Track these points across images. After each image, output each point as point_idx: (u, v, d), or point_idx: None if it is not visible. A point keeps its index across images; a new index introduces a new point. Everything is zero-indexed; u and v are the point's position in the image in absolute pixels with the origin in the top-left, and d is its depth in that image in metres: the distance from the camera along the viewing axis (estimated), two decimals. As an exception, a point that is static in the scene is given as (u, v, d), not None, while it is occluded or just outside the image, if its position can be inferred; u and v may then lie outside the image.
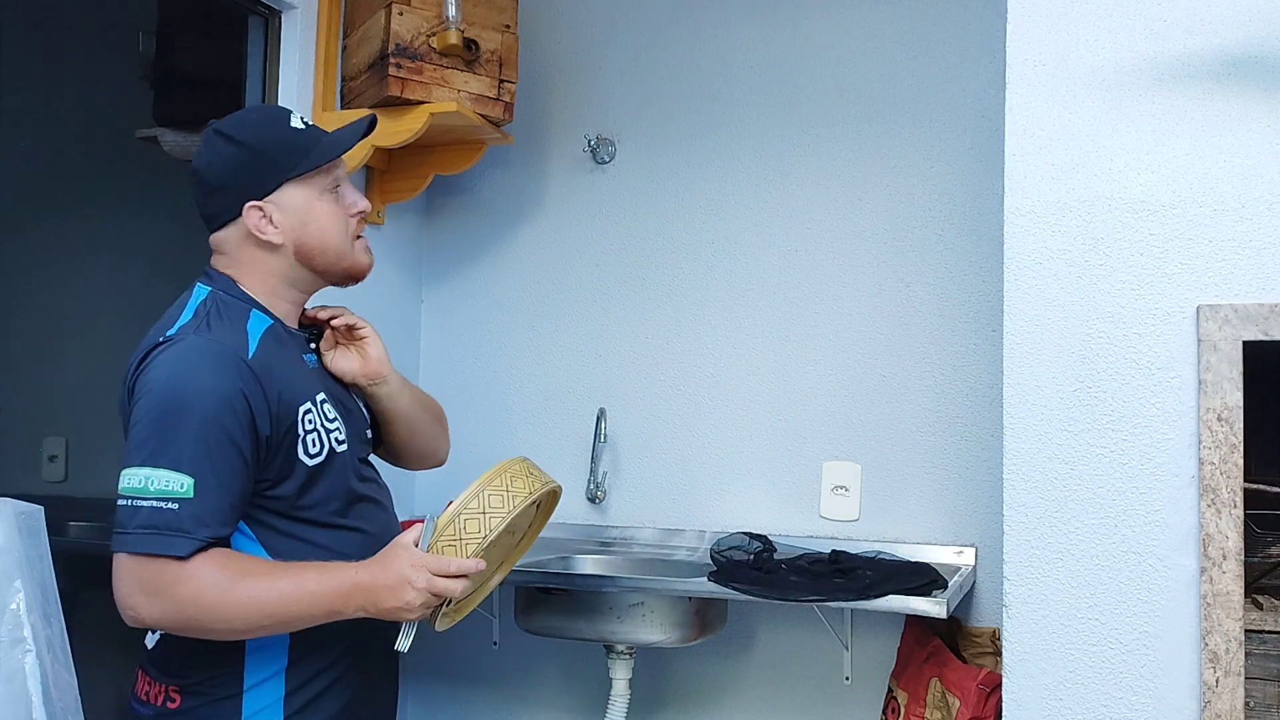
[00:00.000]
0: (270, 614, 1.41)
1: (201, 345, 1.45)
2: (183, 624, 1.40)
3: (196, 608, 1.38)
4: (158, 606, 1.38)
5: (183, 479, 1.37)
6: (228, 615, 1.39)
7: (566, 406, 2.73)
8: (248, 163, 1.55)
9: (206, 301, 1.53)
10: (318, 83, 2.47)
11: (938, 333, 2.41)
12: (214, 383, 1.42)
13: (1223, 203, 1.67)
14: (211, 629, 1.41)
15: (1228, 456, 1.62)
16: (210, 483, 1.39)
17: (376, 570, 1.46)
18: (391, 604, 1.45)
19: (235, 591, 1.39)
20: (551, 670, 2.70)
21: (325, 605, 1.43)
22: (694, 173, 2.65)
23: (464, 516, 1.49)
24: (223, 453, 1.41)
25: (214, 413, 1.40)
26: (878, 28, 2.50)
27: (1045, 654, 1.71)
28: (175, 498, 1.37)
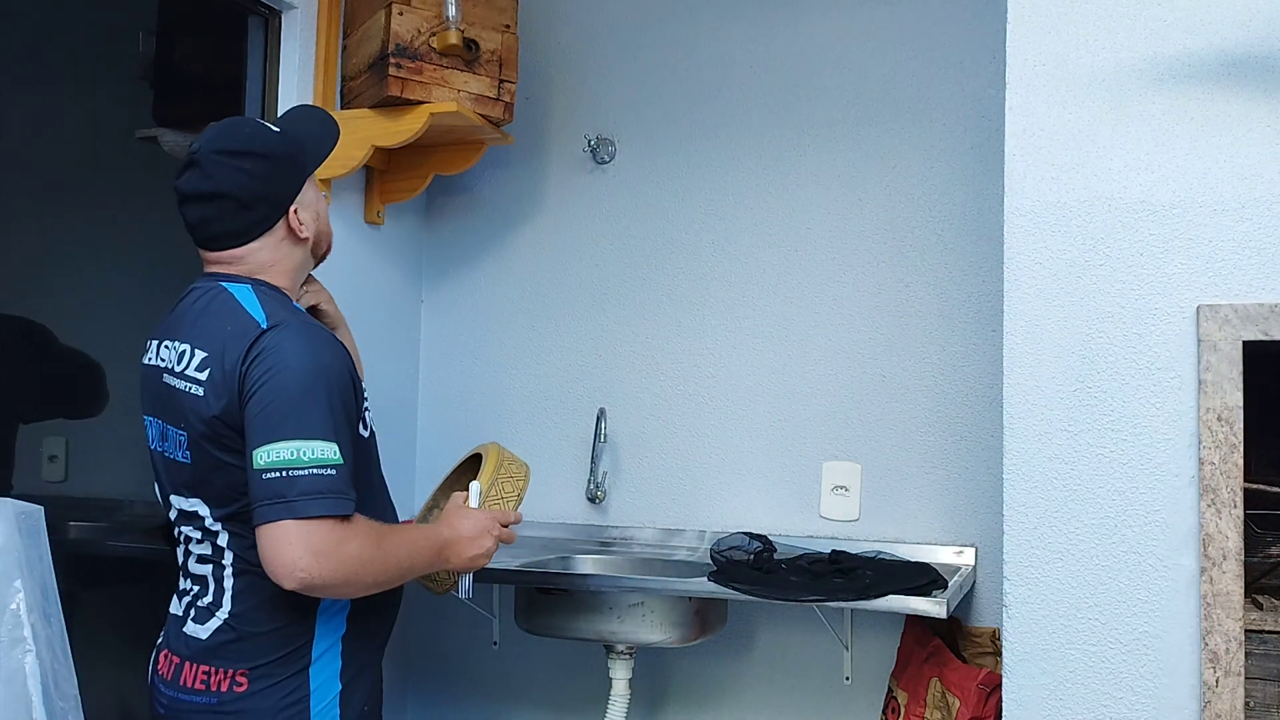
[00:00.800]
0: (401, 567, 1.60)
1: (309, 327, 1.60)
2: (344, 580, 1.51)
3: (359, 563, 1.51)
4: (328, 566, 1.47)
5: (332, 446, 1.50)
6: (377, 569, 1.55)
7: (566, 406, 2.73)
8: (277, 171, 1.66)
9: (265, 295, 1.63)
10: (318, 83, 2.47)
11: (938, 333, 2.41)
12: (333, 361, 1.57)
13: (1223, 203, 1.67)
14: (363, 583, 1.55)
15: (1228, 456, 1.62)
16: (346, 449, 1.53)
17: (458, 525, 1.73)
18: (473, 552, 1.72)
19: (382, 547, 1.56)
20: (551, 670, 2.70)
21: (428, 558, 1.67)
22: (694, 173, 2.65)
23: (500, 480, 1.88)
24: (345, 423, 1.55)
25: (339, 386, 1.55)
26: (878, 28, 2.50)
27: (1045, 654, 1.71)
28: (331, 464, 1.49)
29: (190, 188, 1.64)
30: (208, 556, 1.61)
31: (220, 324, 1.59)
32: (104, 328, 2.68)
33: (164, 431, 1.64)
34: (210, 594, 1.60)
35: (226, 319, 1.59)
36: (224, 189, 1.62)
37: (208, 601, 1.61)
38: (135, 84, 2.59)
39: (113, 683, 2.12)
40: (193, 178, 1.63)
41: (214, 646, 1.58)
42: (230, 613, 1.58)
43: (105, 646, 2.12)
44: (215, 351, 1.56)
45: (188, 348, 1.60)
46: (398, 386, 2.82)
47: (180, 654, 1.61)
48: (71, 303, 2.81)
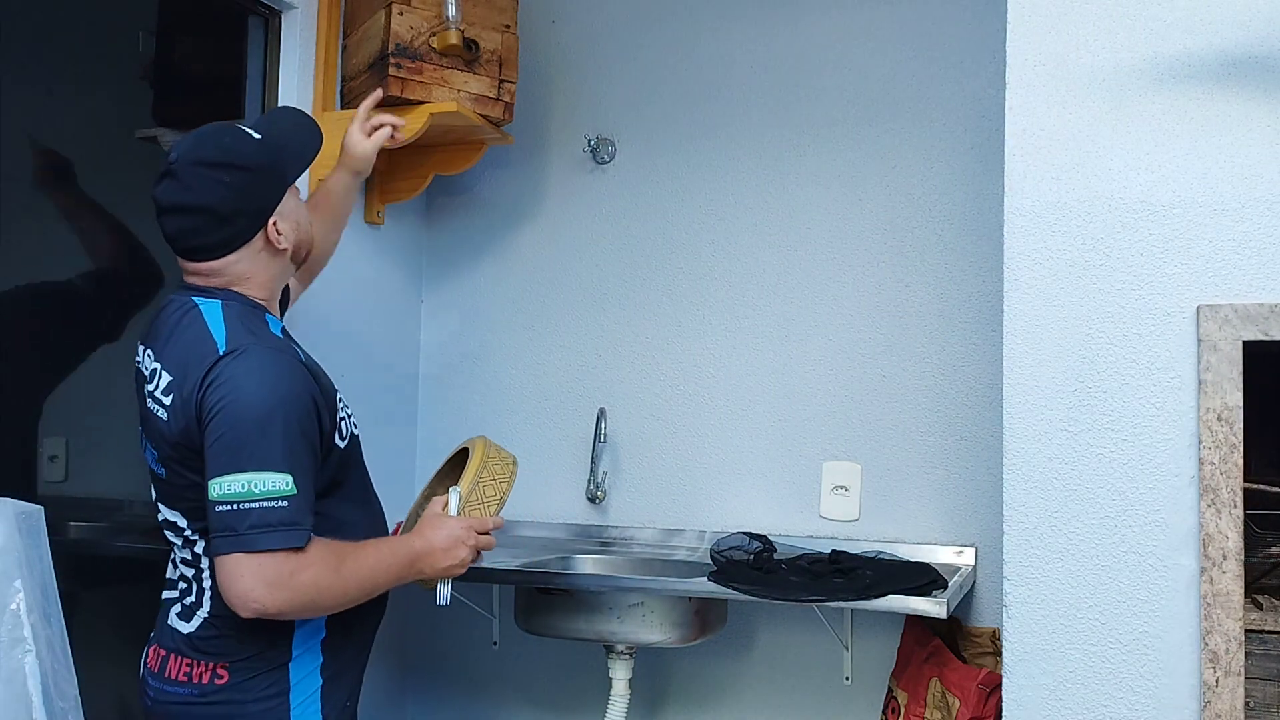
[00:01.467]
0: (363, 587, 1.60)
1: (270, 354, 1.56)
2: (301, 607, 1.54)
3: (316, 590, 1.52)
4: (281, 596, 1.49)
5: (284, 478, 1.50)
6: (336, 593, 1.56)
7: (566, 406, 2.73)
8: (256, 183, 1.63)
9: (227, 313, 1.61)
10: (318, 83, 2.47)
11: (938, 333, 2.41)
12: (291, 388, 1.55)
13: (1223, 203, 1.67)
14: (323, 607, 1.57)
15: (1228, 456, 1.62)
16: (302, 478, 1.52)
17: (430, 537, 1.71)
18: (447, 563, 1.71)
19: (341, 572, 1.55)
20: (551, 670, 2.70)
21: (397, 572, 1.65)
22: (694, 173, 2.65)
23: (481, 484, 1.83)
24: (305, 450, 1.54)
25: (296, 416, 1.53)
26: (878, 28, 2.50)
27: (1045, 654, 1.71)
28: (283, 495, 1.49)
29: (168, 199, 1.61)
30: (189, 561, 1.65)
31: (184, 346, 1.59)
32: (104, 327, 2.67)
33: (145, 443, 1.67)
34: (193, 594, 1.64)
35: (190, 341, 1.59)
36: (202, 202, 1.60)
37: (191, 601, 1.64)
38: (135, 84, 2.59)
39: (113, 683, 2.12)
40: (170, 189, 1.61)
41: (197, 641, 1.61)
42: (211, 612, 1.61)
43: (105, 646, 2.11)
44: (178, 376, 1.57)
45: (158, 367, 1.61)
46: (398, 386, 2.82)
47: (166, 647, 1.64)
48: (71, 303, 2.81)
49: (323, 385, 1.64)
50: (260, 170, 1.64)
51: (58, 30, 2.57)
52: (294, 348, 1.65)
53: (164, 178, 1.62)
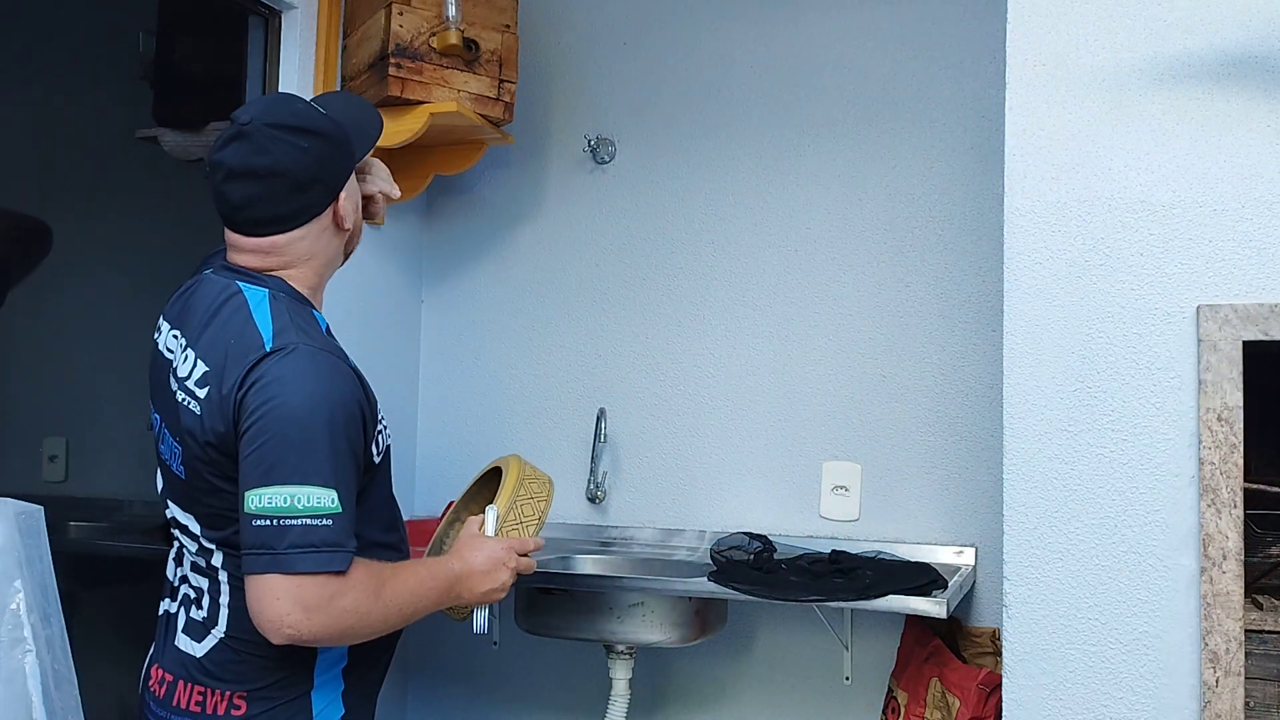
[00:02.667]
0: (404, 613, 1.49)
1: (320, 356, 1.44)
2: (339, 634, 1.42)
3: (355, 616, 1.41)
4: (319, 621, 1.37)
5: (330, 494, 1.38)
6: (377, 619, 1.45)
7: (566, 406, 2.73)
8: (332, 154, 1.53)
9: (278, 305, 1.49)
10: (318, 83, 2.47)
11: (938, 333, 2.41)
12: (341, 394, 1.43)
13: (1223, 203, 1.67)
14: (360, 634, 1.46)
15: (1228, 456, 1.62)
16: (346, 494, 1.40)
17: (469, 558, 1.62)
18: (486, 586, 1.63)
19: (381, 596, 1.44)
20: (551, 670, 2.70)
21: (435, 598, 1.55)
22: (694, 173, 2.65)
23: (519, 503, 1.77)
24: (350, 463, 1.43)
25: (343, 425, 1.41)
26: (878, 28, 2.50)
27: (1045, 654, 1.71)
28: (328, 513, 1.37)
29: (240, 162, 1.47)
30: (203, 569, 1.52)
31: (226, 335, 1.46)
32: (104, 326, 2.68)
33: (163, 434, 1.55)
34: (205, 609, 1.51)
35: (233, 331, 1.46)
36: (281, 166, 1.47)
37: (203, 617, 1.51)
38: (135, 84, 2.59)
39: (113, 683, 2.12)
40: (243, 151, 1.47)
41: (210, 666, 1.49)
42: (227, 632, 1.48)
43: (105, 646, 2.12)
44: (216, 367, 1.44)
45: (193, 353, 1.48)
46: (398, 386, 2.82)
47: (173, 672, 1.52)
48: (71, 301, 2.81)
49: (368, 393, 1.51)
50: (336, 141, 1.53)
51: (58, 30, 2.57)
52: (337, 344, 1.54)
53: (233, 140, 1.49)
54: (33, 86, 2.74)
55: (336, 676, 1.53)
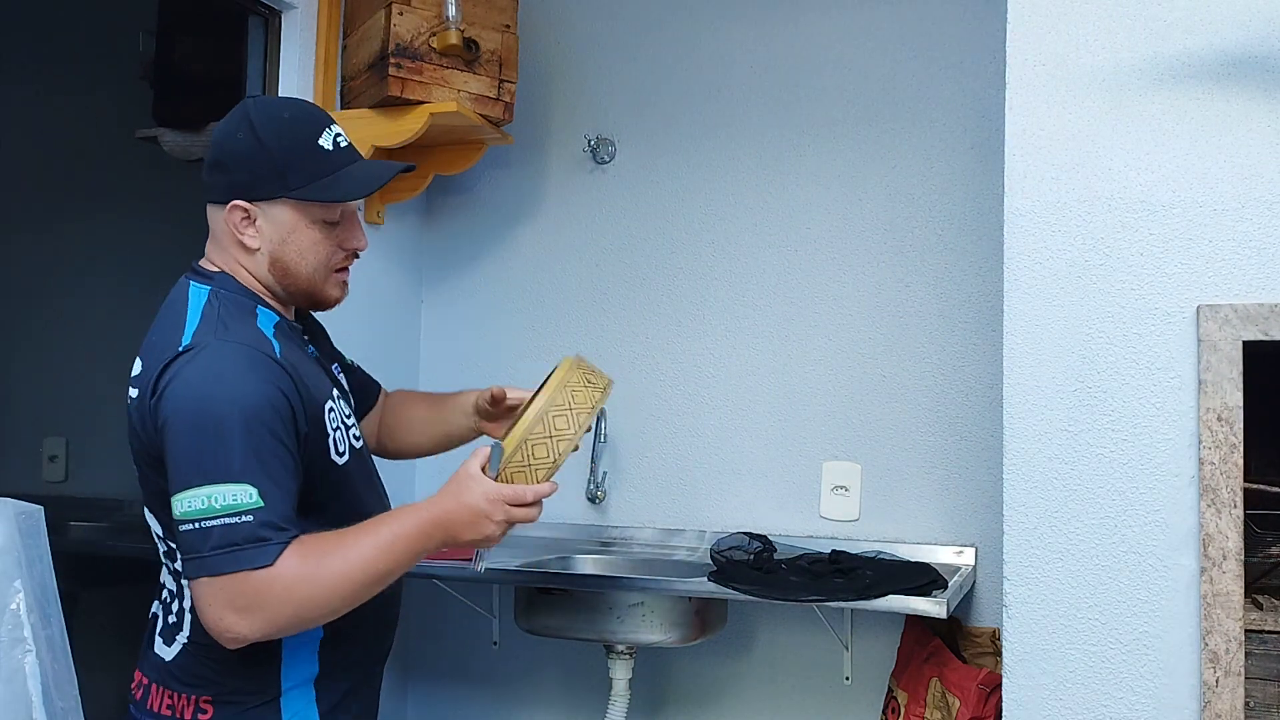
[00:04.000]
0: (361, 579, 1.39)
1: (229, 350, 1.40)
2: (284, 626, 1.37)
3: (292, 604, 1.35)
4: (256, 619, 1.34)
5: (247, 489, 1.33)
6: (322, 599, 1.37)
7: (566, 406, 2.73)
8: (255, 161, 1.47)
9: (211, 301, 1.47)
10: (318, 83, 2.47)
11: (938, 333, 2.41)
12: (252, 386, 1.38)
13: (1223, 203, 1.67)
14: (312, 618, 1.39)
15: (1228, 456, 1.62)
16: (271, 488, 1.35)
17: (451, 504, 1.46)
18: (471, 536, 1.46)
19: (322, 573, 1.36)
20: (551, 670, 2.70)
21: (408, 549, 1.42)
22: (694, 173, 2.65)
23: (530, 441, 1.47)
24: (275, 455, 1.37)
25: (258, 417, 1.36)
26: (878, 28, 2.50)
27: (1045, 654, 1.71)
28: (246, 509, 1.33)
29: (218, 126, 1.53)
30: (171, 572, 1.52)
31: (156, 336, 1.46)
32: (103, 326, 2.68)
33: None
34: (174, 612, 1.50)
35: (163, 331, 1.46)
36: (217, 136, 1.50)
37: (172, 621, 1.50)
38: (135, 84, 2.59)
39: (113, 683, 2.12)
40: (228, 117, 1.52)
41: (177, 670, 1.47)
42: (190, 637, 1.46)
43: (105, 646, 2.11)
44: (144, 370, 1.44)
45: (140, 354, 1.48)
46: (397, 386, 2.82)
47: (149, 675, 1.50)
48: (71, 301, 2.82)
49: (301, 388, 1.45)
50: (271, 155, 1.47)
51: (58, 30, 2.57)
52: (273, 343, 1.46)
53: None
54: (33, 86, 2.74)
55: (308, 684, 1.49)
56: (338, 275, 1.58)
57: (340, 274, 1.59)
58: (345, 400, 1.63)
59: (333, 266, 1.57)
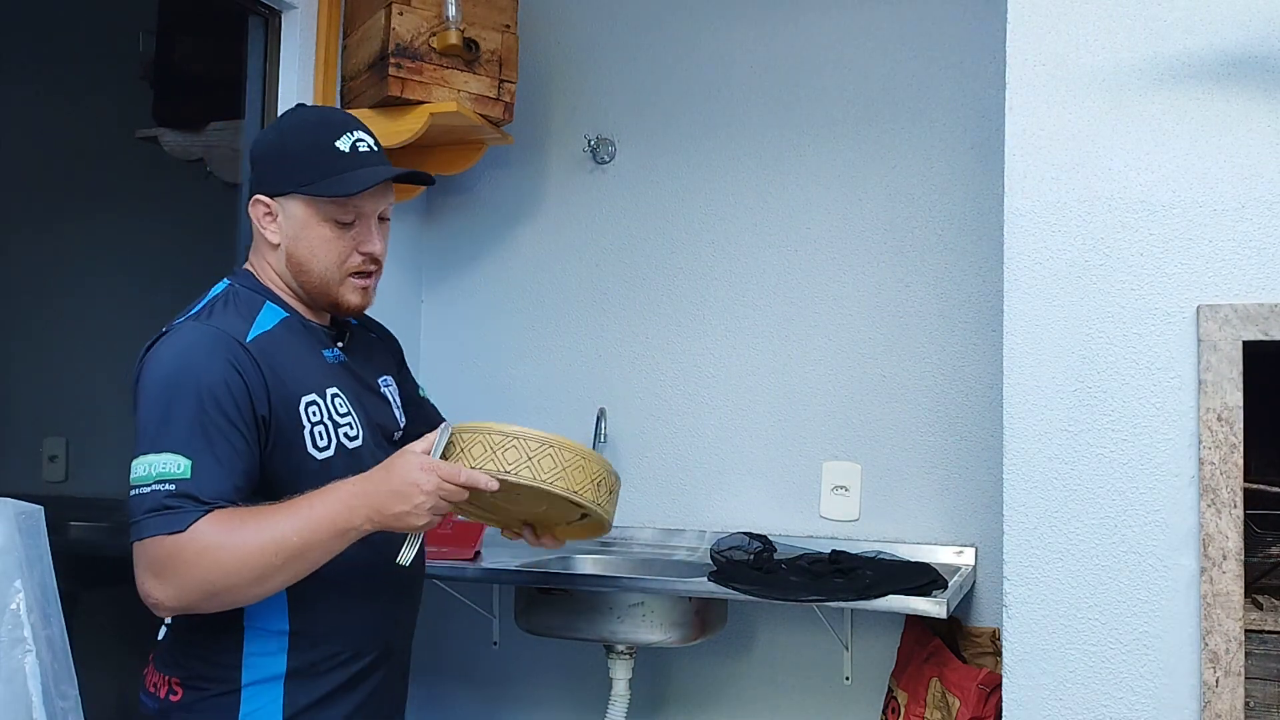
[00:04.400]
0: (279, 550, 1.38)
1: (195, 332, 1.47)
2: (200, 594, 1.38)
3: (203, 569, 1.36)
4: (170, 584, 1.36)
5: (179, 460, 1.38)
6: (236, 566, 1.37)
7: (566, 406, 2.73)
8: (276, 158, 1.57)
9: (223, 294, 1.56)
10: (318, 83, 2.47)
11: (938, 333, 2.41)
12: (207, 364, 1.43)
13: (1223, 203, 1.67)
14: (229, 588, 1.38)
15: (1228, 456, 1.62)
16: (208, 462, 1.39)
17: (380, 476, 1.43)
18: (399, 508, 1.41)
19: (235, 540, 1.37)
20: (551, 670, 2.70)
21: (331, 524, 1.40)
22: (694, 173, 2.65)
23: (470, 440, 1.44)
24: (221, 433, 1.41)
25: (209, 394, 1.41)
26: (878, 28, 2.50)
27: (1045, 654, 1.71)
28: (171, 478, 1.37)
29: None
30: None
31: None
32: (104, 326, 2.68)
33: None
34: None
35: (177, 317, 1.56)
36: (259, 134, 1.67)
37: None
38: (135, 84, 2.59)
39: (113, 683, 2.12)
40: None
41: (162, 651, 1.55)
42: (170, 621, 1.53)
43: (105, 646, 2.11)
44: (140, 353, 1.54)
45: None
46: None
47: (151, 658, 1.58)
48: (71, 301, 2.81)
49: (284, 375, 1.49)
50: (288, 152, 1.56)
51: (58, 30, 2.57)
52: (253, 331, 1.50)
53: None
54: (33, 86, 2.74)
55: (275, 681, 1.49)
56: (356, 280, 1.62)
57: (359, 279, 1.63)
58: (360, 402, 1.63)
59: (347, 269, 1.60)
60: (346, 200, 1.56)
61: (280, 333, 1.54)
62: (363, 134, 1.60)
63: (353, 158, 1.56)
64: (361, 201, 1.58)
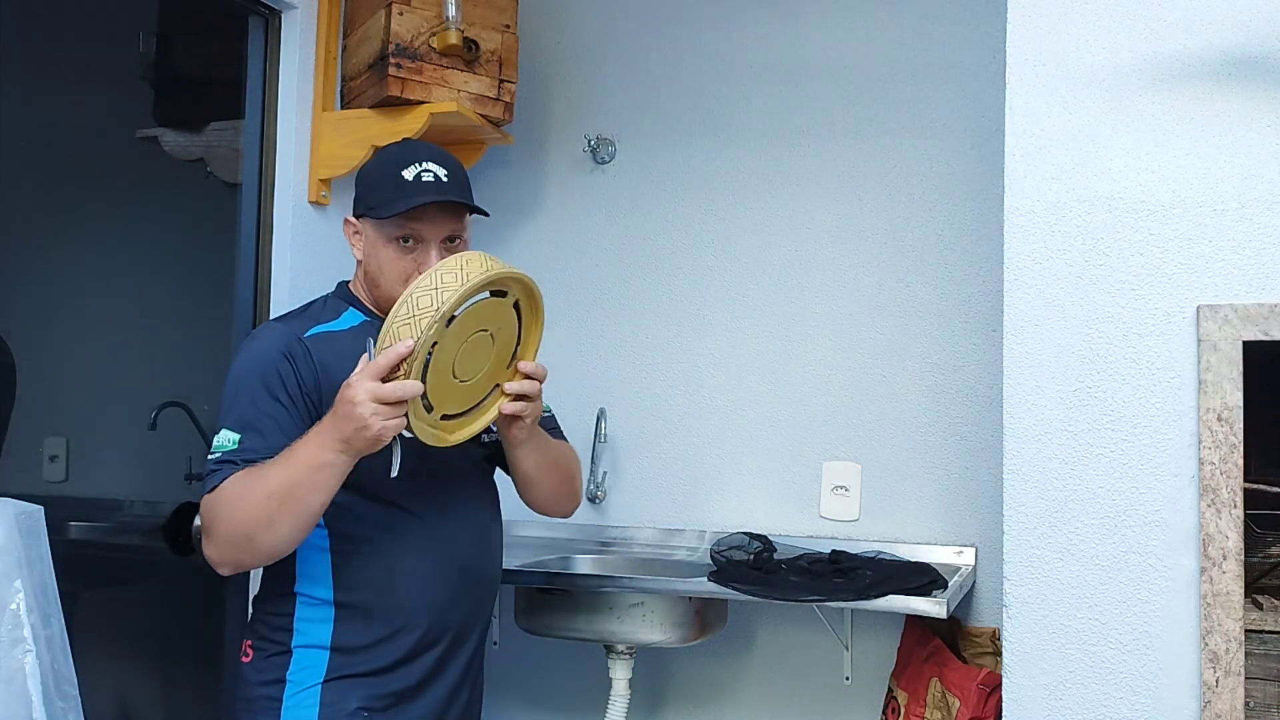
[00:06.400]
0: (271, 494, 1.50)
1: (268, 330, 1.72)
2: (230, 544, 1.54)
3: (226, 521, 1.53)
4: (210, 541, 1.55)
5: (232, 435, 1.58)
6: (245, 514, 1.51)
7: (566, 406, 2.72)
8: (360, 183, 1.77)
9: (318, 299, 1.80)
10: (318, 83, 2.47)
11: (938, 333, 2.41)
12: (264, 354, 1.64)
13: (1223, 203, 1.67)
14: (247, 535, 1.52)
15: (1228, 456, 1.62)
16: (253, 434, 1.58)
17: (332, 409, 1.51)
18: (353, 427, 1.46)
19: (243, 491, 1.52)
20: (551, 670, 2.70)
21: (306, 462, 1.50)
22: (694, 173, 2.65)
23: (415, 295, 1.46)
24: (265, 406, 1.60)
25: (257, 373, 1.62)
26: (878, 28, 2.50)
27: (1045, 654, 1.71)
28: (225, 451, 1.57)
29: None
30: None
31: None
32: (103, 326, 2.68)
33: None
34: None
35: None
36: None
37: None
38: (135, 84, 2.59)
39: (113, 683, 2.12)
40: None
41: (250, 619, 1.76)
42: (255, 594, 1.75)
43: (105, 646, 2.12)
44: None
45: None
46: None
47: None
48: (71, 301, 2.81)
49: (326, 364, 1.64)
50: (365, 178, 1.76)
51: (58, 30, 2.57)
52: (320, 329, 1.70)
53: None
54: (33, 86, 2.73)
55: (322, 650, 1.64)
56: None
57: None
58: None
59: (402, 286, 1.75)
60: (403, 223, 1.68)
61: (350, 333, 1.71)
62: (434, 165, 1.70)
63: (412, 185, 1.68)
64: (418, 226, 1.69)
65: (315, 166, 2.44)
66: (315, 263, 2.49)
